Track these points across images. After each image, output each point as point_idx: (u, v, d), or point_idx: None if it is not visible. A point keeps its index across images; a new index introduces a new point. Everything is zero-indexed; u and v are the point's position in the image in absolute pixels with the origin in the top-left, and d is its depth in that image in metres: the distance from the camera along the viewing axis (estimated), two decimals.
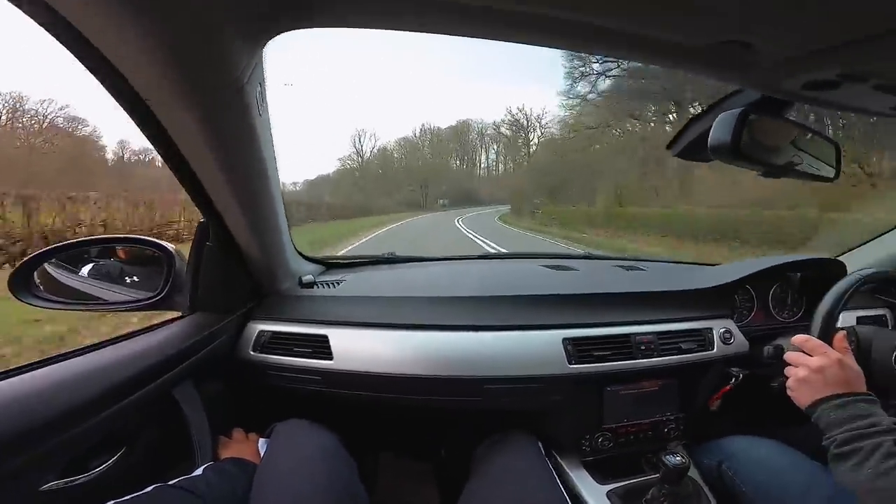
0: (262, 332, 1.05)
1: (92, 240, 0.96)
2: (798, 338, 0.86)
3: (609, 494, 1.00)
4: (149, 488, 0.61)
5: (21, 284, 0.83)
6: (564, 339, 1.02)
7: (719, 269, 1.35)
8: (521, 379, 0.99)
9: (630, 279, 1.33)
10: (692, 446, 1.13)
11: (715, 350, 1.11)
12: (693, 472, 1.04)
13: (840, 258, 1.40)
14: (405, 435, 1.42)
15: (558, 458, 1.08)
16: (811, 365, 0.81)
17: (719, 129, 0.64)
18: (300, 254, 1.24)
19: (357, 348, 1.01)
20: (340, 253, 7.65)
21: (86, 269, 0.94)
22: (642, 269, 1.44)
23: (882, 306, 1.33)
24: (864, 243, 1.42)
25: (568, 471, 1.05)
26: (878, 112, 0.68)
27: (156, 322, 0.94)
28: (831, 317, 0.88)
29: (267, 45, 0.56)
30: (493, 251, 1.98)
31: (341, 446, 0.90)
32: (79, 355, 0.73)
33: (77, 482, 0.66)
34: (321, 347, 1.02)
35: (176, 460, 0.84)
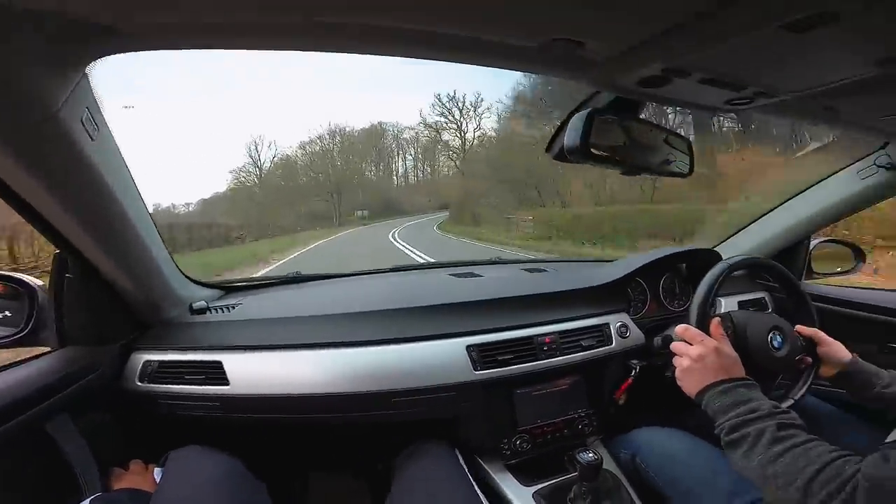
0: (147, 361, 1.00)
1: None
2: (678, 328, 0.90)
3: (535, 496, 1.02)
4: None
5: None
6: (468, 346, 1.04)
7: (614, 265, 1.43)
8: (429, 389, 1.00)
9: (532, 281, 1.39)
10: (609, 441, 1.16)
11: (614, 344, 1.17)
12: (612, 466, 1.08)
13: (717, 247, 1.54)
14: (334, 453, 1.38)
15: (482, 464, 1.09)
16: (691, 354, 0.84)
17: (572, 131, 0.68)
18: (191, 279, 1.18)
19: (254, 372, 0.99)
20: None
21: None
22: (544, 271, 1.49)
23: (761, 290, 1.46)
24: (737, 232, 1.57)
25: (493, 475, 1.07)
26: (715, 107, 0.75)
27: (24, 357, 0.88)
28: (705, 305, 0.93)
29: (90, 71, 0.55)
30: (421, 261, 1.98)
31: (244, 470, 0.88)
32: None
33: None
34: (215, 373, 0.98)
35: (62, 496, 0.81)
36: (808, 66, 0.55)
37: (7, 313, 0.89)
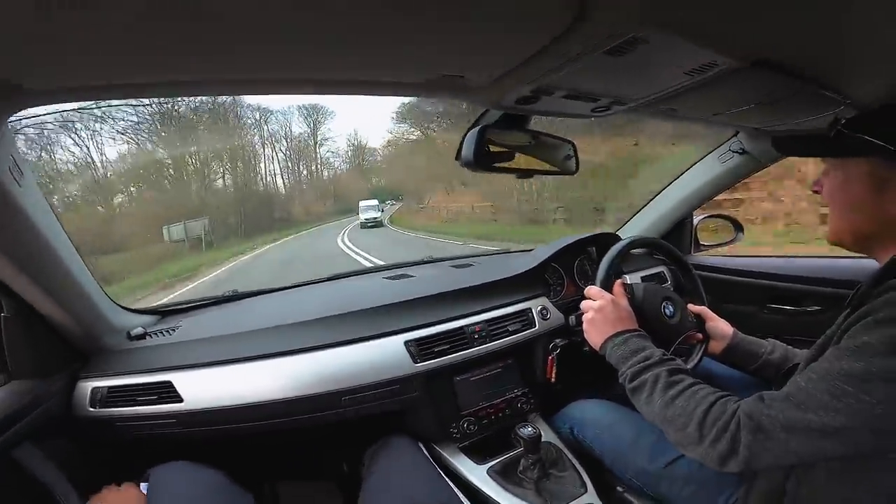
0: (95, 388, 1.01)
1: None
2: (587, 289, 1.00)
3: (489, 472, 1.09)
4: None
5: None
6: (406, 342, 1.12)
7: (532, 254, 1.56)
8: (375, 385, 1.07)
9: (460, 276, 1.49)
10: (549, 416, 1.27)
11: (537, 326, 1.29)
12: (553, 438, 1.18)
13: (619, 231, 1.74)
14: (299, 459, 1.41)
15: (438, 449, 1.15)
16: (593, 307, 0.93)
17: (466, 145, 0.80)
18: (124, 308, 1.19)
19: (206, 386, 1.02)
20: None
21: None
22: (472, 265, 1.61)
23: (660, 265, 1.65)
24: (632, 217, 1.79)
25: (449, 457, 1.14)
26: (584, 115, 0.90)
27: None
28: (608, 272, 1.04)
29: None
30: (340, 272, 2.01)
31: (229, 481, 0.91)
32: None
33: None
34: (167, 392, 1.00)
35: None
36: (637, 79, 0.70)
37: None
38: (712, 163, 1.51)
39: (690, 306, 1.09)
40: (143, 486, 0.89)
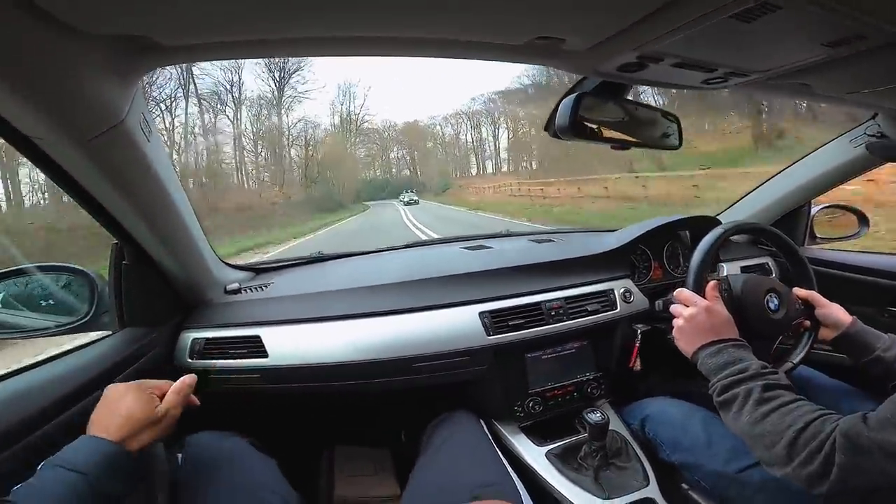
0: (195, 339, 1.09)
1: (5, 272, 0.96)
2: (677, 291, 0.92)
3: (548, 455, 1.08)
4: None
5: None
6: (481, 313, 1.11)
7: (618, 233, 1.48)
8: (446, 354, 1.08)
9: (540, 251, 1.44)
10: (619, 405, 1.23)
11: (618, 309, 1.23)
12: (620, 428, 1.14)
13: (720, 215, 1.59)
14: (360, 424, 1.47)
15: (498, 427, 1.16)
16: (684, 314, 0.86)
17: (562, 112, 0.76)
18: (225, 263, 1.28)
19: (290, 343, 1.07)
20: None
21: (8, 299, 0.94)
22: (552, 241, 1.55)
23: (765, 255, 1.50)
24: (737, 201, 1.62)
25: (509, 436, 1.14)
26: (693, 86, 0.82)
27: (86, 342, 0.95)
28: (701, 269, 0.95)
29: (141, 79, 0.64)
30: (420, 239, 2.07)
31: (252, 449, 0.93)
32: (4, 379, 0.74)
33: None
34: (255, 347, 1.06)
35: None
36: (765, 49, 0.62)
37: (71, 302, 0.98)
38: (842, 147, 1.29)
39: (797, 290, 0.99)
40: (178, 457, 0.89)
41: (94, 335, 0.99)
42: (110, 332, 0.99)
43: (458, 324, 1.10)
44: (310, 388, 1.08)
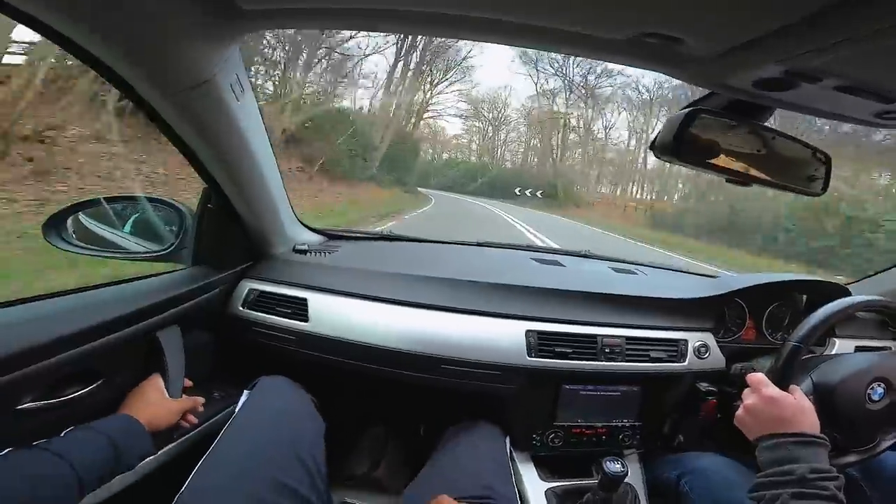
0: (251, 289, 1.13)
1: (118, 196, 1.08)
2: (749, 375, 0.82)
3: (548, 492, 1.02)
4: (4, 451, 0.57)
5: (52, 229, 0.95)
6: (528, 331, 1.03)
7: (717, 281, 1.30)
8: (478, 364, 1.01)
9: (616, 281, 1.31)
10: (651, 456, 1.12)
11: (686, 363, 1.08)
12: (638, 483, 1.05)
13: (851, 285, 1.31)
14: (382, 409, 1.45)
15: (511, 449, 1.08)
16: (745, 403, 0.79)
17: (667, 127, 0.63)
18: (302, 223, 1.33)
19: (331, 314, 1.07)
20: None
21: (111, 222, 1.07)
22: (634, 273, 1.40)
23: (889, 338, 1.21)
24: (874, 274, 1.32)
25: (518, 462, 1.07)
26: (862, 120, 0.64)
27: (160, 270, 1.03)
28: (805, 339, 0.82)
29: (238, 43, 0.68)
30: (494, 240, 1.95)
31: (313, 408, 0.96)
32: (82, 291, 0.80)
33: (51, 405, 0.68)
34: (299, 309, 1.08)
35: None
36: None
37: (162, 233, 1.10)
38: None
39: None
40: (245, 393, 0.93)
41: (171, 267, 1.07)
42: (184, 267, 1.07)
43: (500, 336, 1.03)
44: (335, 362, 1.07)
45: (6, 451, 0.56)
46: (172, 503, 0.67)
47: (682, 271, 1.58)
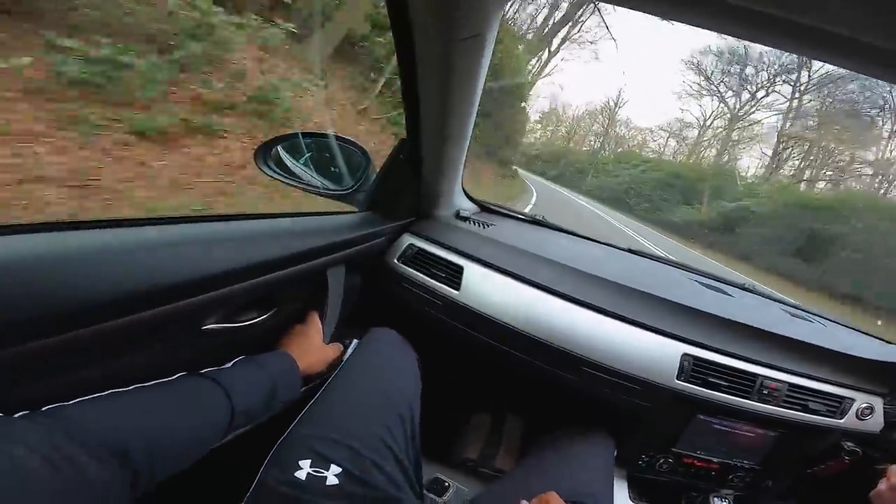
0: (411, 244, 1.16)
1: (315, 133, 1.15)
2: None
3: None
4: (174, 376, 0.58)
5: (260, 156, 1.04)
6: (685, 354, 0.99)
7: None
8: (621, 374, 0.98)
9: (788, 324, 1.22)
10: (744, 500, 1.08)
11: (843, 420, 1.02)
12: None
13: None
14: (500, 397, 1.45)
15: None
16: (891, 479, 0.80)
17: None
18: (465, 192, 1.35)
19: (484, 287, 1.07)
20: None
21: (303, 156, 1.15)
22: (808, 321, 1.30)
23: None
24: None
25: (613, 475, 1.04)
26: None
27: (333, 210, 1.08)
28: None
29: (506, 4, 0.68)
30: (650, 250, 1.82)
31: (417, 366, 0.95)
32: (267, 217, 0.81)
33: (230, 329, 0.71)
34: (454, 276, 1.09)
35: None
36: None
37: (345, 173, 1.14)
38: None
39: None
40: (355, 342, 0.94)
41: (346, 208, 1.13)
42: (355, 210, 1.11)
43: (654, 352, 0.99)
44: (477, 338, 1.07)
45: (179, 375, 0.58)
46: (274, 448, 0.67)
47: (861, 331, 1.43)
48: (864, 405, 1.03)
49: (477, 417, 1.37)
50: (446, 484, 0.96)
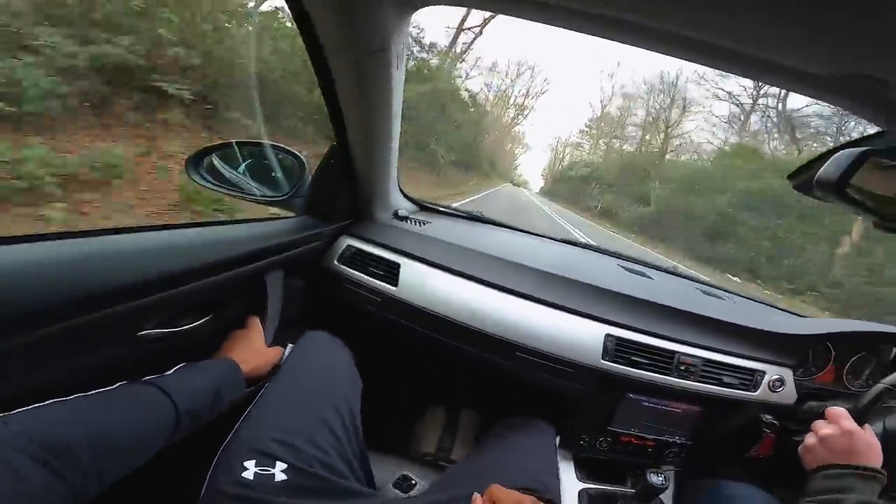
0: (349, 245, 1.19)
1: (248, 141, 1.16)
2: (829, 408, 0.85)
3: (581, 493, 1.05)
4: (115, 385, 0.57)
5: (192, 166, 1.04)
6: (608, 335, 1.04)
7: (805, 321, 1.29)
8: (553, 358, 1.03)
9: (703, 302, 1.30)
10: (686, 477, 1.14)
11: (757, 393, 1.08)
12: (668, 498, 1.08)
13: None
14: (447, 390, 1.48)
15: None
16: (820, 432, 0.82)
17: (832, 164, 0.61)
18: (402, 192, 1.38)
19: (420, 282, 1.11)
20: None
21: (239, 164, 1.15)
22: (723, 299, 1.38)
23: None
24: None
25: (558, 459, 1.07)
26: None
27: (272, 214, 1.10)
28: (889, 390, 0.84)
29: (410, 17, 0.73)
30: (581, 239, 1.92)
31: (353, 366, 0.96)
32: (202, 226, 0.81)
33: (167, 334, 0.71)
34: (391, 273, 1.13)
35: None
36: None
37: (281, 180, 1.16)
38: None
39: None
40: (289, 346, 0.93)
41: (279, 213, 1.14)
42: (294, 215, 1.13)
43: (579, 335, 1.04)
44: (416, 331, 1.10)
45: (120, 383, 0.57)
46: (218, 454, 0.67)
47: (770, 305, 1.54)
48: (776, 377, 1.10)
49: (432, 411, 1.40)
50: (413, 481, 0.98)
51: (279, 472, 0.65)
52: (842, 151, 0.63)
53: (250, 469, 0.64)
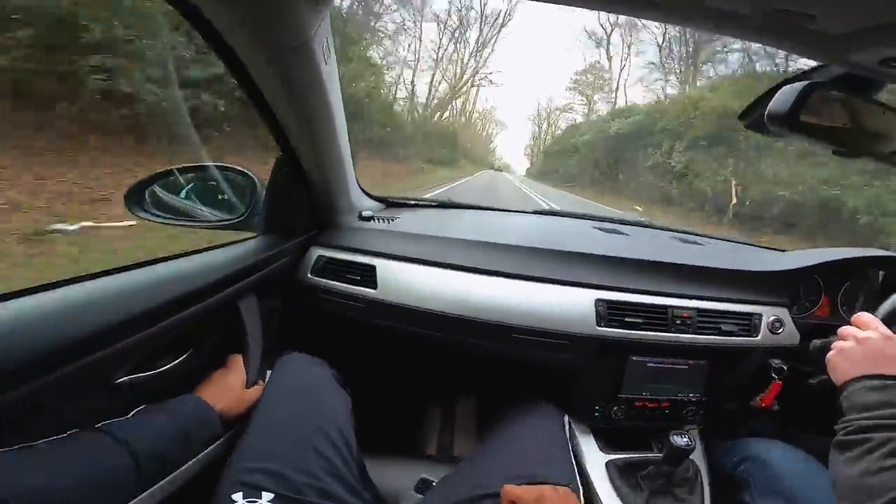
0: (320, 256, 1.15)
1: (190, 166, 1.09)
2: (856, 315, 0.77)
3: (608, 464, 1.02)
4: (68, 433, 0.55)
5: (133, 200, 0.97)
6: (597, 300, 1.02)
7: (788, 256, 1.26)
8: (548, 333, 1.01)
9: (683, 251, 1.28)
10: (710, 437, 1.12)
11: (759, 337, 1.06)
12: (700, 460, 1.05)
13: None
14: (444, 384, 1.46)
15: (570, 422, 1.09)
16: (857, 335, 0.72)
17: (780, 99, 0.61)
18: (364, 191, 1.33)
19: (400, 280, 1.08)
20: None
21: (184, 191, 1.09)
22: (702, 245, 1.36)
23: None
24: None
25: (577, 435, 1.08)
26: None
27: (233, 239, 1.04)
28: (891, 316, 0.81)
29: (331, 6, 0.66)
30: (549, 208, 1.92)
31: (335, 382, 0.94)
32: (162, 262, 0.78)
33: (146, 378, 0.69)
34: (368, 276, 1.09)
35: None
36: None
37: (234, 202, 1.09)
38: None
39: None
40: (269, 373, 0.91)
41: (239, 236, 1.08)
42: (255, 235, 1.08)
43: (570, 305, 1.02)
44: (405, 330, 1.08)
45: (71, 431, 0.55)
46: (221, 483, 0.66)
47: (746, 244, 1.53)
48: (773, 318, 1.08)
49: (427, 410, 1.39)
50: (433, 482, 0.95)
51: (266, 502, 0.64)
52: (786, 86, 0.63)
53: (238, 501, 0.64)
